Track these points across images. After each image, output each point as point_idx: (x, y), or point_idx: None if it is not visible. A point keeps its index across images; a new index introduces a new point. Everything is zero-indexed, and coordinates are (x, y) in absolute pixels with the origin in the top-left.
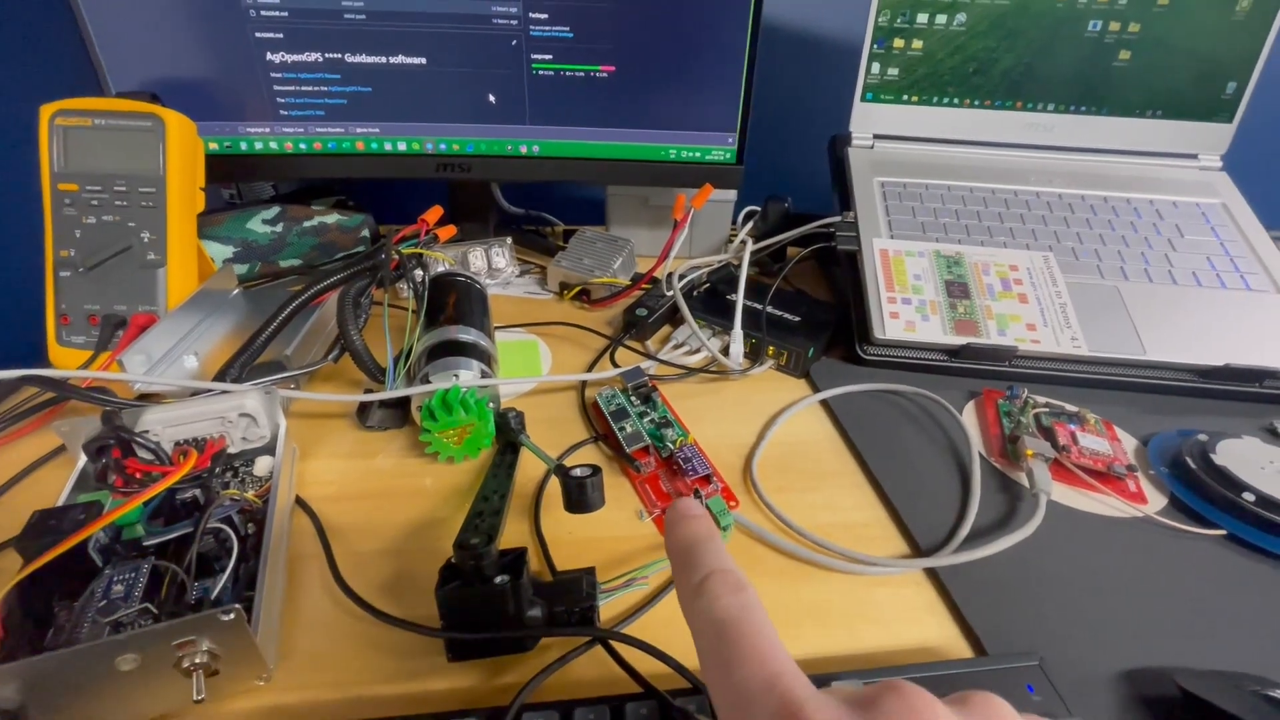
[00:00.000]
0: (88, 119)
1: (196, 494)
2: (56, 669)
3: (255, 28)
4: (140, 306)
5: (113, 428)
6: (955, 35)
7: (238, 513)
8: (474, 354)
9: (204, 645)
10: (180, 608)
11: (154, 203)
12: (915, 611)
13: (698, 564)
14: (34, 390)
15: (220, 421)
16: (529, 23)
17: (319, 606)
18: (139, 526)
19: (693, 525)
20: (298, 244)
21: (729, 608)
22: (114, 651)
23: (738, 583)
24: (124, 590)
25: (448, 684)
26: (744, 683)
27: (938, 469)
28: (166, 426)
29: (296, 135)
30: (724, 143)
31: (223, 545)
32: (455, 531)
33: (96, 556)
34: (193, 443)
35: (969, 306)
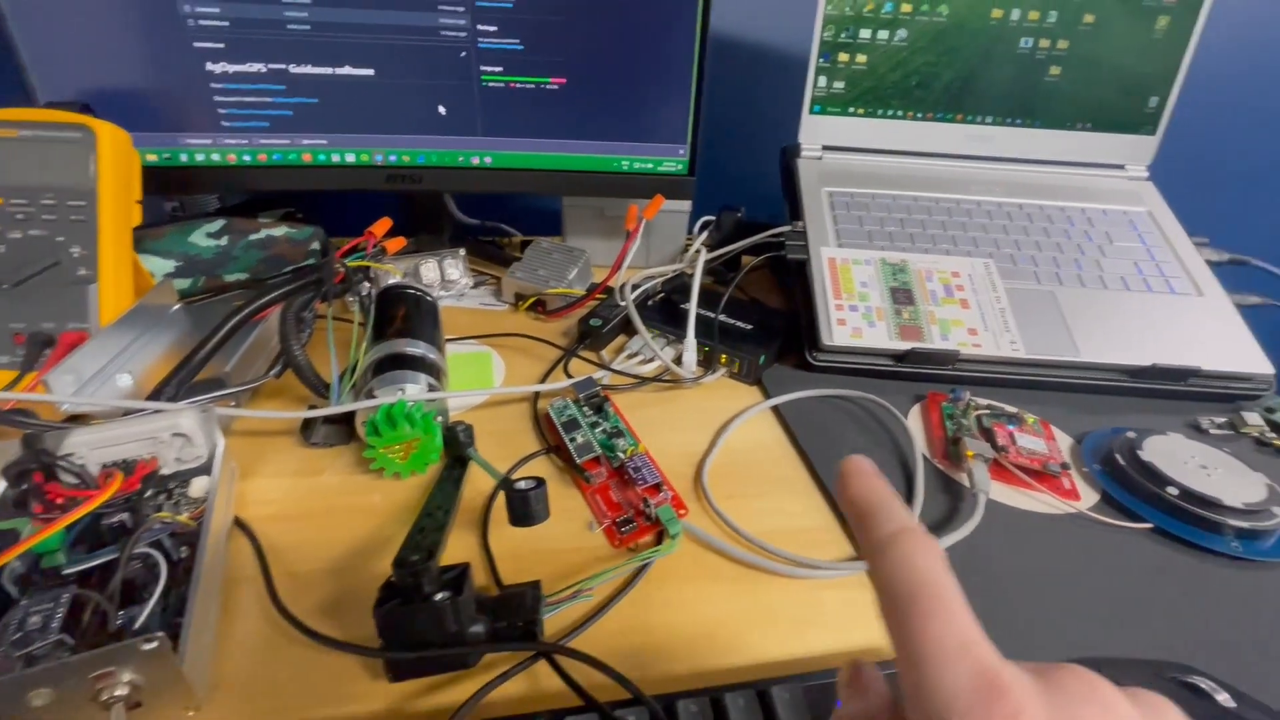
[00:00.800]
0: (13, 130)
1: (125, 518)
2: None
3: (194, 37)
4: (70, 324)
5: (34, 452)
6: (897, 50)
7: (169, 536)
8: (421, 367)
9: (125, 676)
10: (102, 638)
11: (84, 216)
12: (862, 613)
13: (886, 517)
14: None
15: (152, 442)
16: (478, 35)
17: (255, 631)
18: (60, 554)
19: (874, 480)
20: (244, 258)
21: (927, 568)
22: (25, 687)
23: (931, 544)
24: (41, 621)
25: (388, 705)
26: (940, 639)
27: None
28: (93, 449)
29: (240, 147)
30: (675, 154)
31: (151, 571)
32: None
33: (11, 587)
34: (121, 465)
35: (913, 312)
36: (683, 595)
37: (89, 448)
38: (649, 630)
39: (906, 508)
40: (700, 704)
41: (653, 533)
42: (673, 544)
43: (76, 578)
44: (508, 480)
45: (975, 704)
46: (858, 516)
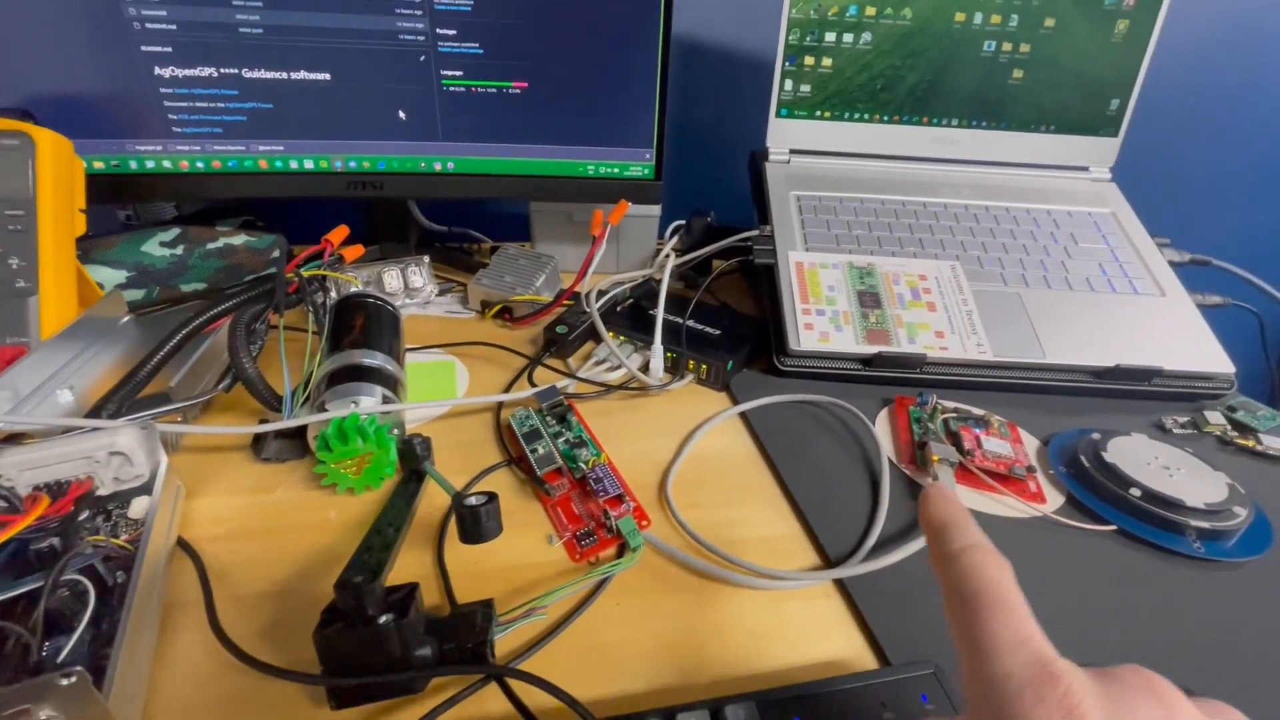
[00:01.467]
0: None
1: (55, 543)
2: None
3: (141, 40)
4: (8, 338)
5: None
6: (862, 54)
7: (102, 560)
8: (377, 379)
9: (43, 714)
10: (22, 673)
11: (23, 226)
12: (824, 624)
13: (958, 534)
14: None
15: (87, 461)
16: (437, 39)
17: (194, 658)
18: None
19: (952, 505)
20: (201, 267)
21: (994, 576)
22: None
23: (1001, 559)
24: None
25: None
26: (999, 633)
27: (850, 478)
28: (23, 470)
29: (193, 154)
30: (642, 158)
31: (80, 598)
32: None
33: None
34: (54, 486)
35: (880, 316)
36: (642, 610)
37: (18, 469)
38: (606, 648)
39: (979, 529)
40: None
41: (614, 545)
42: (633, 557)
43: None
44: (459, 495)
45: (1029, 685)
46: (934, 531)
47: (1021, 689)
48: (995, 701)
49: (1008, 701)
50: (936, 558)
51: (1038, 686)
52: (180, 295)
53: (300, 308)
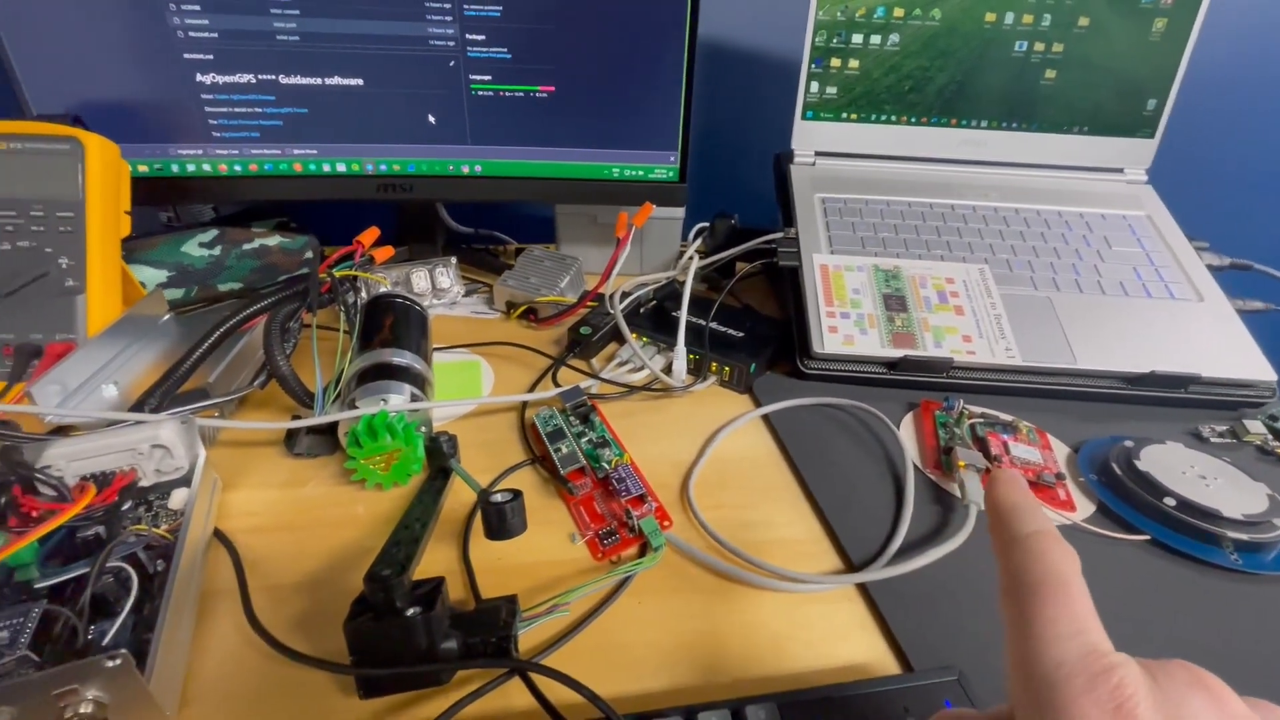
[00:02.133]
0: (2, 143)
1: (100, 531)
2: None
3: (184, 48)
4: (58, 335)
5: (11, 464)
6: (890, 55)
7: (144, 549)
8: (406, 377)
9: (89, 694)
10: (69, 654)
11: (72, 227)
12: (845, 628)
13: (1026, 519)
14: None
15: (131, 454)
16: (466, 44)
17: (230, 645)
18: (33, 568)
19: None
20: (237, 267)
21: (1058, 566)
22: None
23: (1068, 547)
24: (9, 636)
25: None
26: (1055, 620)
27: (873, 483)
28: (71, 461)
29: (231, 157)
30: (666, 161)
31: (124, 585)
32: None
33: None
34: (99, 477)
35: (906, 319)
36: (664, 609)
37: (67, 460)
38: (627, 646)
39: (1049, 519)
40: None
41: (636, 545)
42: (655, 557)
43: (48, 592)
44: (485, 493)
45: (1080, 675)
46: (1001, 514)
47: (1071, 678)
48: (1043, 691)
49: (1056, 690)
50: (1000, 541)
51: (1089, 677)
52: (217, 294)
53: (332, 307)
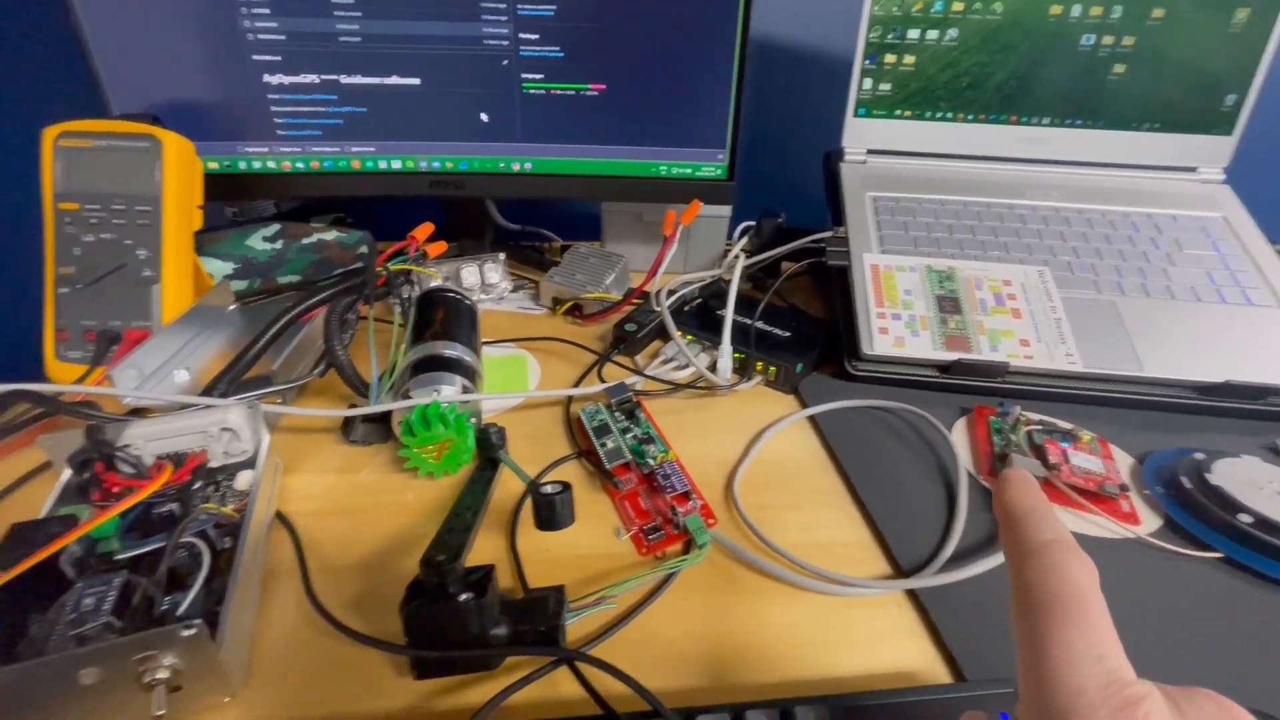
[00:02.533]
0: (88, 140)
1: (174, 508)
2: (19, 681)
3: (253, 50)
4: (134, 322)
5: (95, 442)
6: (947, 50)
7: (214, 527)
8: (457, 370)
9: (166, 660)
10: (146, 623)
11: (150, 221)
12: (894, 634)
13: (1041, 526)
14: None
15: (202, 436)
16: (519, 43)
17: (291, 622)
18: (114, 540)
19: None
20: (297, 260)
21: (1077, 582)
22: (75, 665)
23: (1085, 559)
24: (94, 603)
25: (412, 702)
26: (1073, 644)
27: (924, 487)
28: (148, 441)
29: (294, 155)
30: (715, 159)
31: (196, 559)
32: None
33: (69, 569)
34: (173, 457)
35: (960, 322)
36: (707, 607)
37: (145, 440)
38: (671, 641)
39: (1065, 526)
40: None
41: (680, 541)
42: (700, 554)
43: (129, 563)
44: (534, 484)
45: (1101, 706)
46: (1012, 520)
47: (1093, 709)
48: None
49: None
50: (1012, 551)
51: (1112, 709)
52: (278, 286)
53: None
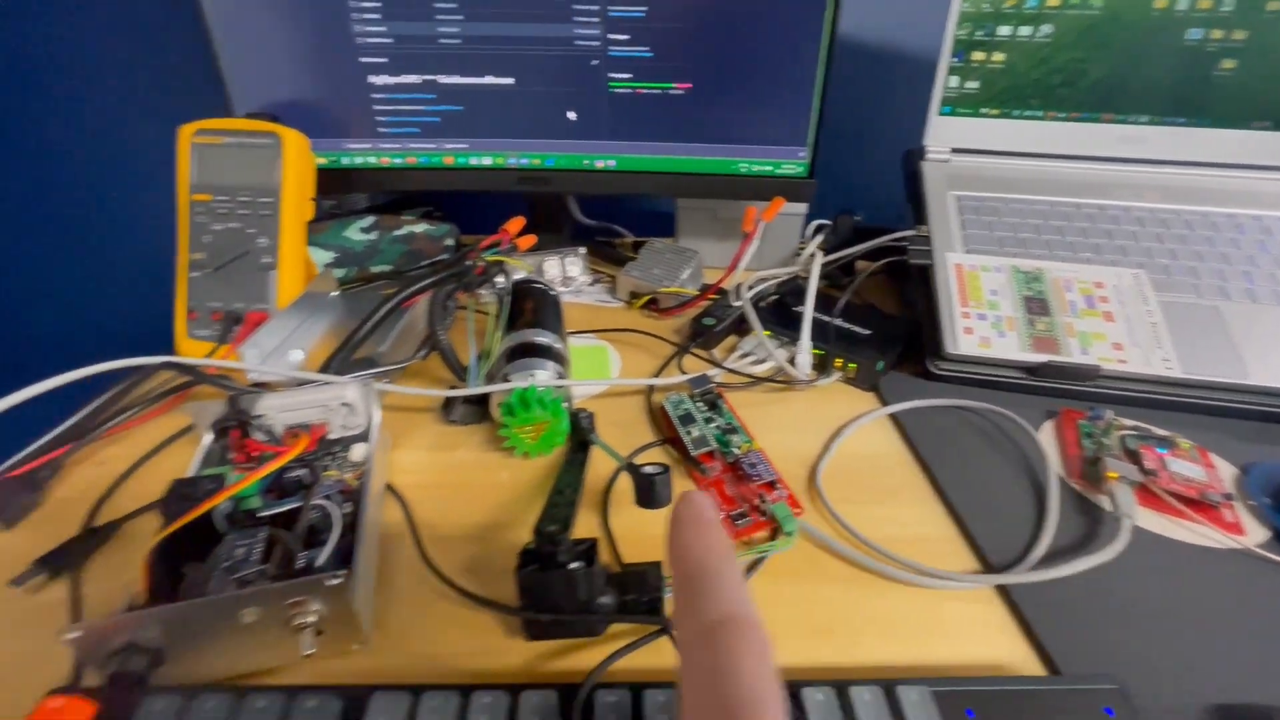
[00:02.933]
0: (220, 137)
1: (303, 474)
2: (192, 616)
3: (361, 53)
4: (255, 305)
5: (236, 410)
6: (1040, 47)
7: (338, 493)
8: (550, 356)
9: (313, 606)
10: (289, 573)
11: (271, 211)
12: (985, 628)
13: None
14: (166, 377)
15: (324, 409)
16: (609, 44)
17: (407, 583)
18: (256, 499)
19: (710, 535)
20: (389, 251)
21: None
22: (240, 604)
23: (762, 642)
24: (244, 553)
25: (523, 662)
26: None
27: (1011, 487)
28: (280, 412)
29: (393, 151)
30: (796, 156)
31: (326, 519)
32: (528, 523)
33: (220, 522)
34: (300, 427)
35: (1049, 323)
36: (797, 593)
37: (276, 410)
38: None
39: (742, 579)
40: (825, 693)
41: (767, 529)
42: (788, 541)
43: (268, 520)
44: (635, 465)
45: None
46: (683, 578)
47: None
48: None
49: None
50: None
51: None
52: (372, 275)
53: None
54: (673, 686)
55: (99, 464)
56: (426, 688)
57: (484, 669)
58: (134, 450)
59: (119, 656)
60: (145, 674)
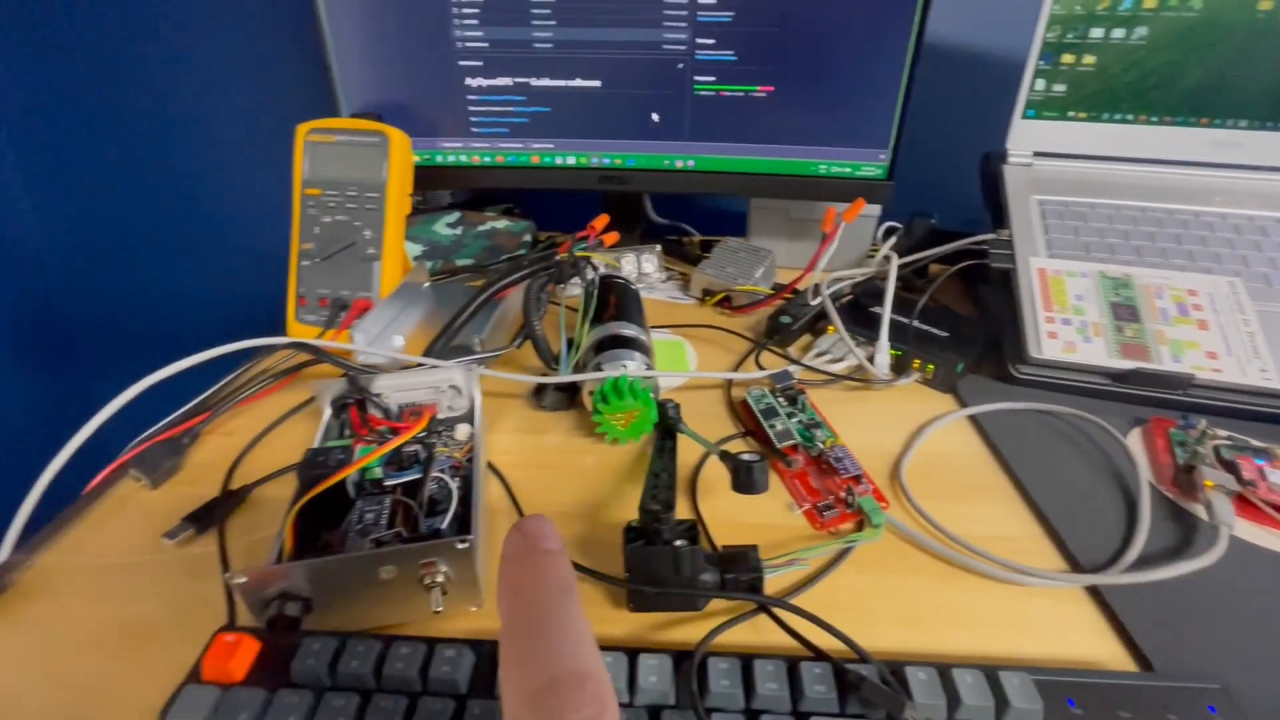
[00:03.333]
0: (332, 135)
1: (418, 449)
2: (337, 570)
3: (460, 56)
4: (359, 293)
5: (357, 388)
6: (1134, 49)
7: (450, 468)
8: (637, 347)
9: (442, 567)
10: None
11: (376, 206)
12: (1076, 627)
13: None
14: (281, 356)
15: (433, 390)
16: (695, 48)
17: None
18: (378, 470)
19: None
20: (472, 245)
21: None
22: (380, 561)
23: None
24: (374, 518)
25: (627, 632)
26: None
27: (1099, 492)
28: (394, 391)
29: (483, 150)
30: (875, 159)
31: (441, 491)
32: (620, 504)
33: (350, 489)
34: (411, 406)
35: (1138, 330)
36: (886, 583)
37: (391, 390)
38: (853, 608)
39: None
40: (928, 673)
41: (853, 520)
42: (876, 533)
43: (391, 489)
44: (728, 452)
45: None
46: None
47: None
48: None
49: None
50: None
51: None
52: (455, 268)
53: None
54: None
55: (227, 434)
56: None
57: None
58: (255, 422)
59: (275, 603)
60: (299, 619)
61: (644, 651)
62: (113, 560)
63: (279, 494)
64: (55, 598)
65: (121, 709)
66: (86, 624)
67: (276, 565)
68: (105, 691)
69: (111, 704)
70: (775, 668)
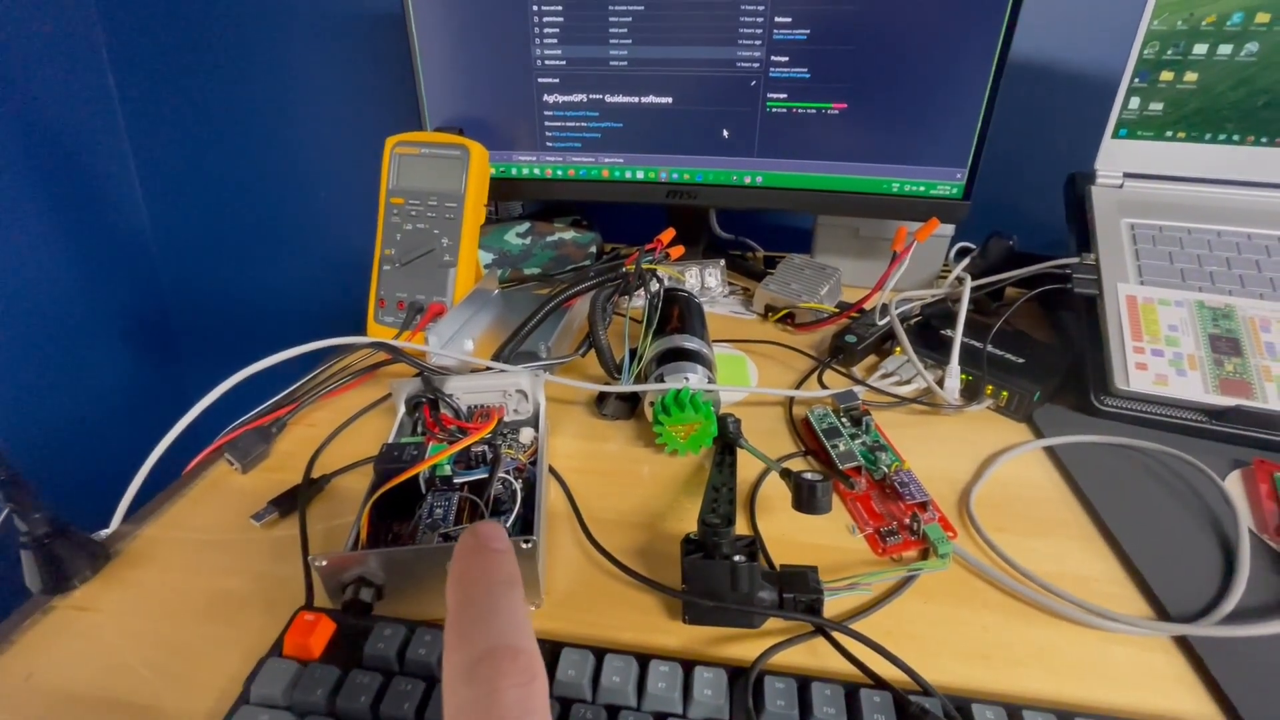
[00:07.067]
0: (417, 148)
1: (485, 449)
2: (408, 560)
3: (538, 74)
4: (434, 297)
5: (431, 388)
6: (1242, 67)
7: (514, 469)
8: (699, 361)
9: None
10: None
11: (454, 215)
12: (1160, 679)
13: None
14: (360, 354)
15: (502, 394)
16: (769, 65)
17: (571, 557)
18: (447, 467)
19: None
20: (540, 255)
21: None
22: (448, 554)
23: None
24: (443, 513)
25: (681, 644)
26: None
27: (1191, 535)
28: (465, 392)
29: (556, 163)
30: (952, 178)
31: (506, 491)
32: (677, 515)
33: (421, 484)
34: (480, 408)
35: (1240, 365)
36: (952, 615)
37: (462, 391)
38: (917, 639)
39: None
40: (996, 713)
41: (917, 548)
42: (942, 563)
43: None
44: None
45: None
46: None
47: None
48: None
49: None
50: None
51: None
52: (523, 277)
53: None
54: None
55: (310, 425)
56: (607, 650)
57: (644, 643)
58: (335, 415)
59: (351, 587)
60: (372, 604)
61: (700, 664)
62: (206, 536)
63: (355, 484)
64: (155, 567)
65: (210, 672)
66: (181, 593)
67: (355, 551)
68: (195, 655)
69: (201, 668)
70: (833, 692)
